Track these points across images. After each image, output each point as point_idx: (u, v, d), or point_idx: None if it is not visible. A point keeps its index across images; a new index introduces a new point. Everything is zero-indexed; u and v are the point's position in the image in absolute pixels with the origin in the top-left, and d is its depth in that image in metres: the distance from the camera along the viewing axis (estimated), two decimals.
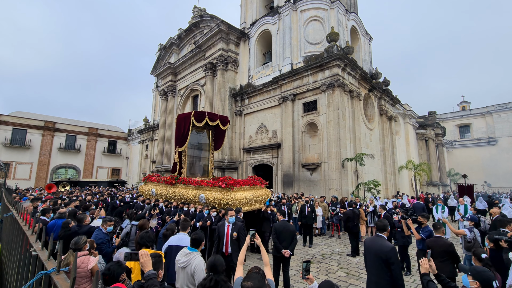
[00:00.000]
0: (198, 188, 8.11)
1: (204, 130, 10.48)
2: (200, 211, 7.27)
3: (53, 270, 1.40)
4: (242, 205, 7.18)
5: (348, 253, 7.75)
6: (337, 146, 12.55)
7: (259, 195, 7.87)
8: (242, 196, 7.32)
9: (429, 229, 5.25)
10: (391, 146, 18.27)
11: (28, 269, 1.88)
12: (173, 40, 24.21)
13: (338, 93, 12.99)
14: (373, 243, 3.61)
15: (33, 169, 29.43)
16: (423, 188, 26.28)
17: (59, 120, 33.62)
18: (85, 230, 4.49)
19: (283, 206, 9.14)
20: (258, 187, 8.29)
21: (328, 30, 14.72)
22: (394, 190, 17.53)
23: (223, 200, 7.13)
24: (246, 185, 7.81)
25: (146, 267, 2.30)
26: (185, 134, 8.90)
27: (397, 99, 19.81)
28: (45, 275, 1.41)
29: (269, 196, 8.59)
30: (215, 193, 7.45)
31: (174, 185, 9.01)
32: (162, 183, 9.56)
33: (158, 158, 24.28)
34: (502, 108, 36.74)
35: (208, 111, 9.93)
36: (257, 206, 7.75)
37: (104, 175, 34.77)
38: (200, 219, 6.88)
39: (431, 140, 30.72)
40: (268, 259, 3.04)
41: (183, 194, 8.41)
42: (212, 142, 10.62)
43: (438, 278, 2.71)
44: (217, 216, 6.87)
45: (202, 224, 6.62)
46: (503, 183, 34.08)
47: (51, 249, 1.58)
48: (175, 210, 7.84)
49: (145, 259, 2.32)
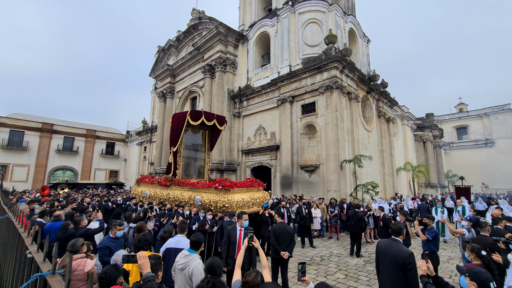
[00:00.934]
0: (194, 190, 7.88)
1: (199, 130, 10.28)
2: (195, 214, 7.06)
3: (48, 272, 1.39)
4: (239, 207, 6.98)
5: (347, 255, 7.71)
6: (336, 147, 12.58)
7: (256, 198, 7.69)
8: (240, 198, 7.12)
9: (434, 230, 5.32)
10: (389, 147, 18.33)
11: (24, 271, 1.86)
12: (172, 42, 24.24)
13: (336, 95, 13.04)
14: (390, 247, 3.43)
15: (30, 171, 29.25)
16: (421, 190, 26.35)
17: (57, 121, 33.49)
18: (82, 232, 4.46)
19: (282, 209, 8.90)
20: (256, 189, 8.11)
21: (326, 33, 14.79)
22: (392, 192, 17.56)
23: (219, 202, 6.92)
24: (244, 187, 7.62)
25: (144, 269, 2.27)
26: (178, 133, 8.65)
27: (395, 101, 19.91)
28: (40, 278, 1.39)
29: (267, 198, 8.43)
30: (211, 195, 7.26)
31: (168, 186, 8.73)
32: (156, 184, 9.30)
33: (156, 160, 24.21)
34: (499, 110, 37.01)
35: (204, 110, 9.76)
36: (255, 209, 7.54)
37: (102, 177, 34.61)
38: (196, 221, 6.68)
39: (429, 141, 30.86)
40: (267, 261, 3.03)
41: (178, 196, 8.14)
42: (208, 143, 10.43)
43: (436, 281, 2.71)
44: (213, 219, 6.69)
45: (199, 227, 6.43)
46: (500, 184, 34.24)
47: (46, 251, 1.57)
48: (170, 213, 7.60)
49: (143, 261, 2.29)
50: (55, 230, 4.82)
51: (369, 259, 7.56)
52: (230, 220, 6.01)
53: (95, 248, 4.33)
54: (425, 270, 2.72)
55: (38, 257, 1.61)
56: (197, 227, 6.43)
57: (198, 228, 6.40)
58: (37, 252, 1.71)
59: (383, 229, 7.65)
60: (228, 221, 6.01)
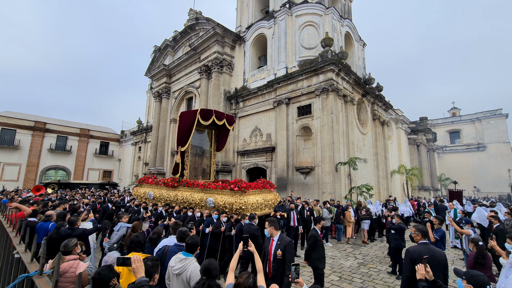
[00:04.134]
0: (205, 191, 7.52)
1: (205, 130, 9.83)
2: (208, 216, 6.69)
3: (35, 273, 1.35)
4: (253, 210, 6.73)
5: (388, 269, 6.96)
6: (331, 150, 12.64)
7: (269, 199, 7.48)
8: (254, 200, 6.86)
9: (442, 230, 5.52)
10: (383, 150, 18.49)
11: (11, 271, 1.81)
12: (168, 42, 24.14)
13: (332, 98, 13.12)
14: (429, 251, 3.36)
15: (21, 170, 28.69)
16: (415, 193, 26.64)
17: (50, 120, 32.93)
18: (79, 232, 4.38)
19: (292, 212, 8.38)
20: (268, 190, 7.88)
21: (322, 36, 14.90)
22: (386, 194, 17.70)
23: (235, 204, 6.58)
24: (257, 188, 7.36)
25: (138, 273, 2.20)
26: (187, 132, 8.27)
27: (389, 105, 20.13)
28: (27, 278, 1.35)
29: (278, 199, 8.16)
30: (225, 197, 6.92)
31: (176, 188, 8.34)
32: (161, 185, 8.91)
33: (151, 160, 24.00)
34: (491, 115, 37.72)
35: (215, 109, 9.41)
36: (266, 211, 7.30)
37: (95, 177, 34.15)
38: (210, 224, 6.23)
39: (423, 145, 31.26)
40: (262, 266, 3.01)
41: (187, 197, 7.75)
42: (214, 143, 10.02)
43: (435, 285, 2.71)
44: (229, 222, 6.24)
45: (214, 229, 6.02)
46: (491, 188, 34.83)
47: (34, 251, 1.53)
48: (178, 216, 7.25)
49: (137, 264, 2.22)
50: (44, 230, 4.73)
51: (363, 261, 7.59)
52: (250, 223, 5.67)
53: (88, 249, 4.26)
54: (423, 275, 2.73)
55: (26, 258, 1.57)
56: (211, 230, 6.05)
57: (212, 231, 6.05)
58: (25, 252, 1.67)
59: (395, 235, 6.89)
60: (247, 224, 5.68)
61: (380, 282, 6.09)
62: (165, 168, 22.49)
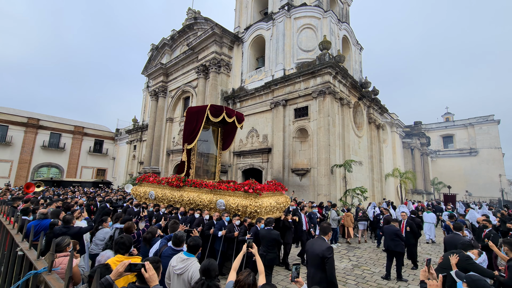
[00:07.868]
0: (215, 193, 7.05)
1: (210, 127, 9.33)
2: (218, 219, 6.24)
3: (44, 269, 1.35)
4: (267, 213, 6.41)
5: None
6: (327, 152, 12.71)
7: (281, 202, 7.20)
8: (268, 203, 6.51)
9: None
10: (378, 154, 18.67)
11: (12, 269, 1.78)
12: (166, 41, 24.02)
13: (329, 100, 13.21)
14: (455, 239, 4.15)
15: (13, 167, 28.20)
16: (408, 196, 26.94)
17: (44, 117, 32.45)
18: (75, 231, 4.33)
19: (303, 215, 8.15)
20: (280, 193, 7.58)
21: (320, 38, 15.01)
22: (380, 197, 17.87)
23: (249, 207, 6.18)
24: (270, 190, 7.03)
25: (152, 282, 2.08)
26: (196, 130, 7.82)
27: (385, 108, 20.34)
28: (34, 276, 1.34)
29: (289, 203, 7.85)
30: (238, 199, 6.49)
31: (181, 187, 7.84)
32: (164, 184, 8.40)
33: (146, 159, 23.80)
34: (483, 121, 38.38)
35: (225, 106, 8.97)
36: (277, 214, 6.98)
37: (88, 175, 33.73)
38: (222, 227, 5.90)
39: (417, 149, 31.67)
40: (263, 268, 3.03)
41: (194, 198, 7.27)
42: (220, 141, 9.56)
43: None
44: (242, 226, 5.92)
45: (227, 233, 5.74)
46: (483, 192, 35.39)
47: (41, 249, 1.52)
48: (184, 218, 6.79)
49: (151, 273, 2.11)
50: (38, 228, 4.67)
51: (357, 263, 7.64)
52: (269, 228, 5.35)
53: (83, 248, 4.21)
54: (426, 276, 2.77)
55: (32, 255, 1.55)
56: (224, 234, 5.78)
57: (225, 235, 5.77)
58: (29, 249, 1.65)
59: (409, 233, 7.34)
60: (266, 229, 5.37)
61: (374, 284, 6.14)
62: (160, 168, 22.33)
